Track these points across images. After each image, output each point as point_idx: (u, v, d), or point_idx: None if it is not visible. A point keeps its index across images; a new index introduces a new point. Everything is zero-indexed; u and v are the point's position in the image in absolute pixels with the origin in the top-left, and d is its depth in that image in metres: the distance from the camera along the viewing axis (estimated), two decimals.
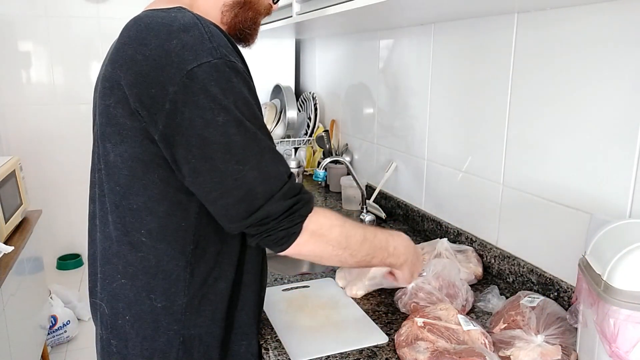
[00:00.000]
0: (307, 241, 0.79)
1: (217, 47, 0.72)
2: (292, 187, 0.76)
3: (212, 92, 0.70)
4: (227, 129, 0.71)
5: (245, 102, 0.74)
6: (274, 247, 0.78)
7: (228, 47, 0.75)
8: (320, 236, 0.80)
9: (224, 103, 0.70)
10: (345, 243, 0.83)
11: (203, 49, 0.71)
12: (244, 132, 0.72)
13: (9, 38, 3.01)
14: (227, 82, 0.71)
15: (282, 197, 0.74)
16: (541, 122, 1.13)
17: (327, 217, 0.82)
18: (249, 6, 0.90)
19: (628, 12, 0.92)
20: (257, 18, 0.94)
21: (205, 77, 0.70)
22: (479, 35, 1.30)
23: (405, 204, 1.70)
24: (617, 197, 0.97)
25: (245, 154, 0.72)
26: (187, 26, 0.73)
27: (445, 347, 0.87)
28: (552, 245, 1.13)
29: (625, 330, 0.71)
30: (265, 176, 0.74)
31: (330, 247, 0.82)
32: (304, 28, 1.93)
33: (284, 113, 2.35)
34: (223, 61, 0.71)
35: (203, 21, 0.75)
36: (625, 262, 0.72)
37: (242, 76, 0.74)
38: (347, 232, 0.84)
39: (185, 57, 0.70)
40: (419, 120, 1.60)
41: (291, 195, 0.76)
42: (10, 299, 1.74)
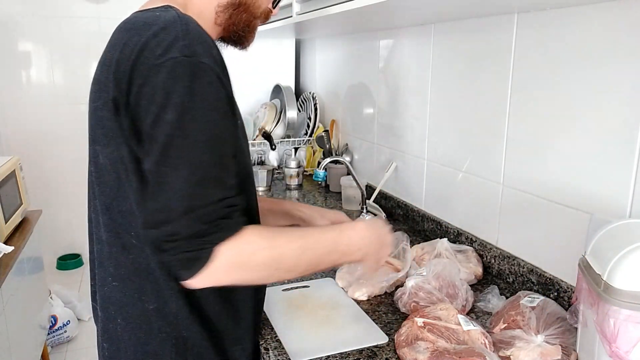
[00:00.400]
0: (226, 271, 0.72)
1: (188, 45, 0.71)
2: (214, 212, 0.70)
3: (169, 88, 0.69)
4: (170, 129, 0.68)
5: (203, 105, 0.70)
6: (180, 271, 0.71)
7: (204, 47, 0.73)
8: (241, 264, 0.74)
9: (177, 101, 0.68)
10: (276, 264, 0.77)
11: (174, 46, 0.70)
12: (186, 137, 0.69)
13: (9, 38, 3.01)
14: (189, 81, 0.69)
15: (198, 218, 0.69)
16: (541, 122, 1.13)
17: (250, 243, 0.74)
18: (243, 8, 0.88)
19: (628, 12, 0.92)
20: (252, 21, 0.91)
21: (168, 73, 0.69)
22: (479, 35, 1.30)
23: (405, 204, 1.70)
24: (617, 197, 0.97)
25: (179, 160, 0.68)
26: (166, 24, 0.73)
27: (445, 347, 0.87)
28: (552, 245, 1.13)
29: (625, 330, 0.71)
30: (190, 191, 0.68)
31: (257, 272, 0.76)
32: (304, 28, 1.93)
33: (284, 113, 2.35)
34: (191, 59, 0.70)
35: (183, 19, 0.74)
36: (625, 262, 0.72)
37: (209, 79, 0.71)
38: (278, 252, 0.77)
39: (156, 53, 0.70)
40: (419, 120, 1.60)
41: (208, 220, 0.69)
42: (10, 299, 1.74)
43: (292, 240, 0.81)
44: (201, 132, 0.70)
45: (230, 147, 0.76)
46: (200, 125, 0.69)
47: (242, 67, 2.47)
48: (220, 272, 0.72)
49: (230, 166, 0.75)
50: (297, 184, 2.19)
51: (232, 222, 0.72)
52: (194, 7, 0.85)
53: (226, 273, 0.73)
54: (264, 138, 2.28)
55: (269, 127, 2.34)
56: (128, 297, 0.81)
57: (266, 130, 2.31)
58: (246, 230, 0.74)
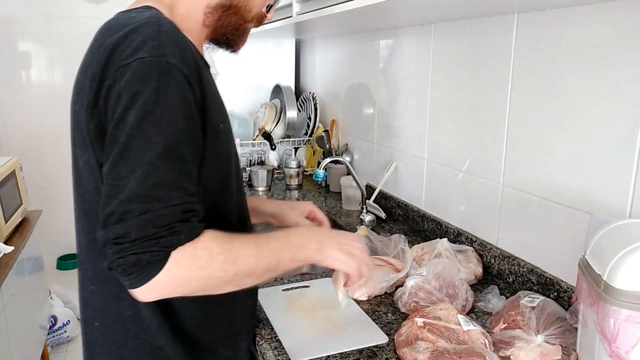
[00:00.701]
0: (182, 278, 0.68)
1: (158, 46, 0.69)
2: (170, 215, 0.66)
3: (133, 89, 0.67)
4: (130, 130, 0.67)
5: (167, 107, 0.68)
6: (126, 277, 0.65)
7: (175, 48, 0.71)
8: (198, 270, 0.69)
9: (140, 102, 0.67)
10: (234, 268, 0.72)
11: (143, 47, 0.69)
12: (145, 138, 0.66)
13: (9, 38, 3.01)
14: (154, 82, 0.68)
15: (151, 221, 0.65)
16: (541, 122, 1.13)
17: (205, 248, 0.70)
18: (233, 11, 0.86)
19: (628, 12, 0.92)
20: (242, 24, 0.89)
21: (133, 73, 0.68)
22: (479, 35, 1.30)
23: (405, 204, 1.70)
24: (617, 197, 0.97)
25: (136, 162, 0.66)
26: (138, 25, 0.72)
27: (445, 347, 0.87)
28: (552, 245, 1.13)
29: (625, 330, 0.71)
30: (145, 193, 0.65)
31: (214, 279, 0.71)
32: (304, 28, 1.93)
33: (284, 113, 2.35)
34: (158, 60, 0.68)
35: (157, 20, 0.73)
36: (625, 262, 0.72)
37: (176, 81, 0.69)
38: (235, 255, 0.73)
39: (124, 54, 0.69)
40: (419, 120, 1.60)
41: (163, 224, 0.65)
42: (10, 299, 1.74)
43: (246, 241, 0.76)
44: (161, 134, 0.67)
45: (195, 151, 0.73)
46: (161, 127, 0.67)
47: (242, 67, 2.47)
48: (173, 280, 0.67)
49: (193, 171, 0.72)
50: (297, 184, 2.19)
51: (190, 226, 0.68)
52: (182, 8, 0.83)
53: (179, 281, 0.68)
54: (264, 138, 2.28)
55: (269, 127, 2.34)
56: (105, 301, 0.80)
57: (266, 130, 2.31)
58: (204, 235, 0.70)
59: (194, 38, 0.85)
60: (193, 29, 0.85)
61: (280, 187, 2.21)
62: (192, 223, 0.69)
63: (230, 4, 0.85)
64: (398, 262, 1.24)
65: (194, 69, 0.73)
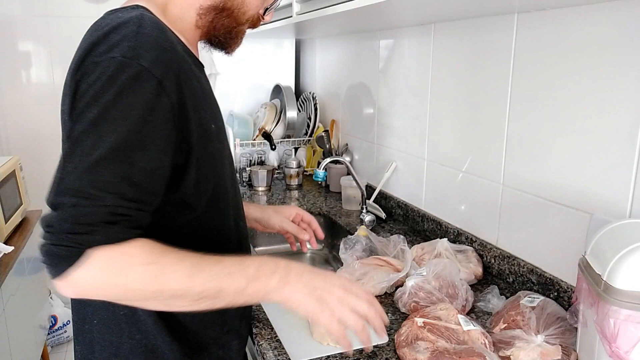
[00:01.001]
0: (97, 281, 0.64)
1: (132, 47, 0.69)
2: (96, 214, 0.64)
3: (99, 87, 0.67)
4: (85, 127, 0.66)
5: (128, 109, 0.67)
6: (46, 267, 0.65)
7: (153, 51, 0.70)
8: (113, 276, 0.65)
9: (102, 101, 0.66)
10: (155, 284, 0.67)
11: (118, 46, 0.69)
12: (97, 136, 0.66)
13: (9, 38, 3.01)
14: (120, 83, 0.67)
15: (75, 216, 0.64)
16: (541, 122, 1.13)
17: (128, 254, 0.66)
18: (227, 13, 0.85)
19: (628, 12, 0.92)
20: (235, 27, 0.88)
21: (102, 71, 0.67)
22: (479, 35, 1.30)
23: (405, 204, 1.70)
24: (617, 197, 0.97)
25: (82, 158, 0.65)
26: (120, 24, 0.71)
27: (445, 347, 0.87)
28: (552, 245, 1.13)
29: (625, 330, 0.71)
30: (79, 188, 0.64)
31: (134, 291, 0.67)
32: (304, 28, 1.92)
33: (284, 113, 2.35)
34: (129, 61, 0.67)
35: (139, 20, 0.72)
36: (625, 262, 0.72)
37: (145, 84, 0.68)
38: (158, 270, 0.67)
39: (99, 51, 0.69)
40: (419, 120, 1.60)
41: (86, 221, 0.64)
42: (10, 299, 1.74)
43: (182, 259, 0.69)
44: (113, 135, 0.66)
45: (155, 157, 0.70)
46: (115, 127, 0.66)
47: (242, 67, 2.47)
48: (89, 281, 0.64)
49: (141, 178, 0.68)
50: (297, 184, 2.19)
51: (114, 229, 0.65)
52: (175, 9, 0.83)
53: (95, 282, 0.65)
54: (264, 138, 2.28)
55: (269, 127, 2.34)
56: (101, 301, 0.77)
57: (266, 130, 2.31)
58: (131, 242, 0.67)
59: (187, 38, 0.85)
60: (186, 29, 0.85)
61: (280, 187, 2.21)
62: (116, 227, 0.66)
63: (223, 6, 0.85)
64: (398, 262, 1.24)
65: (172, 72, 0.72)
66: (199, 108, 0.78)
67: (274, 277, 0.73)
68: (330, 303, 0.74)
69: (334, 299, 0.74)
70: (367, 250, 1.36)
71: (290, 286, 0.73)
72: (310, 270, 0.77)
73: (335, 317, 0.74)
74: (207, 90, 0.87)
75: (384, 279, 1.16)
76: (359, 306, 0.76)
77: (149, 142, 0.69)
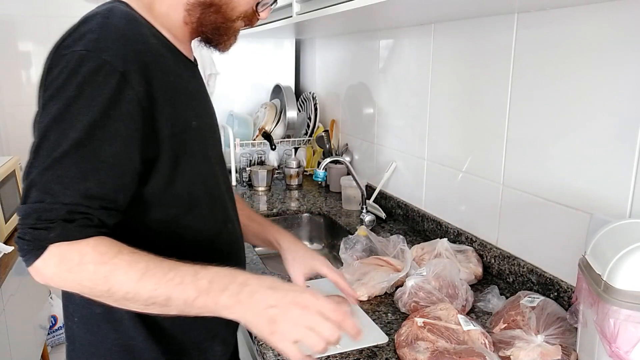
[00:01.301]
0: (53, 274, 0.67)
1: (96, 40, 0.69)
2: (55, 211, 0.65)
3: (61, 81, 0.67)
4: (49, 122, 0.67)
5: (90, 103, 0.67)
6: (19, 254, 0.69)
7: (118, 43, 0.69)
8: (66, 272, 0.67)
9: (64, 95, 0.67)
10: (105, 285, 0.67)
11: (82, 39, 0.69)
12: (60, 132, 0.66)
13: (9, 38, 3.01)
14: (82, 76, 0.67)
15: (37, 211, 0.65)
16: (541, 122, 1.13)
17: (80, 252, 0.66)
18: (215, 9, 0.82)
19: (628, 12, 0.92)
20: (224, 23, 0.84)
21: (65, 65, 0.68)
22: (479, 35, 1.30)
23: (405, 204, 1.70)
24: (617, 197, 0.97)
25: (47, 154, 0.66)
26: (89, 17, 0.72)
27: (445, 347, 0.87)
28: (552, 245, 1.13)
29: (625, 330, 0.71)
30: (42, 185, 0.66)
31: (87, 288, 0.68)
32: (304, 28, 1.92)
33: (284, 113, 2.35)
34: (91, 54, 0.67)
35: (108, 12, 0.73)
36: (625, 262, 0.72)
37: (108, 78, 0.67)
38: (108, 270, 0.66)
39: (66, 44, 0.70)
40: (419, 120, 1.60)
41: (46, 218, 0.65)
42: (10, 299, 1.74)
43: (136, 262, 0.68)
44: (76, 130, 0.66)
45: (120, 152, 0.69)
46: (77, 122, 0.66)
47: (242, 67, 2.47)
48: (48, 274, 0.67)
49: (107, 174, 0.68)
50: (297, 184, 2.19)
51: (71, 227, 0.66)
52: (162, 6, 0.81)
53: (53, 277, 0.68)
54: (264, 138, 2.28)
55: (269, 127, 2.34)
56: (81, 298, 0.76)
57: (266, 130, 2.31)
58: (87, 240, 0.67)
59: (176, 36, 0.84)
60: (175, 26, 0.83)
61: (280, 187, 2.21)
62: (73, 225, 0.66)
63: (211, 1, 0.82)
64: (398, 262, 1.24)
65: (139, 64, 0.71)
66: (176, 103, 0.76)
67: (225, 293, 0.68)
68: (283, 323, 0.67)
69: (289, 318, 0.68)
70: (367, 250, 1.36)
71: (241, 305, 0.68)
72: (269, 285, 0.70)
73: (290, 339, 0.67)
74: (194, 89, 0.85)
75: (384, 279, 1.16)
76: (320, 325, 0.68)
77: (114, 136, 0.68)
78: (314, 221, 1.89)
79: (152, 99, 0.72)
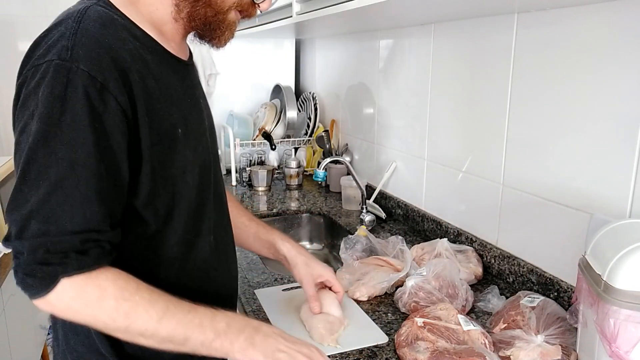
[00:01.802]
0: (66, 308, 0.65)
1: (70, 47, 0.64)
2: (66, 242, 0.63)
3: (39, 95, 0.62)
4: (33, 142, 0.62)
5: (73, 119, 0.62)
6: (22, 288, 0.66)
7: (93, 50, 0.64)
8: (83, 306, 0.65)
9: (43, 111, 0.62)
10: (125, 321, 0.66)
11: (55, 46, 0.64)
12: (49, 152, 0.62)
13: (9, 38, 3.01)
14: (60, 89, 0.62)
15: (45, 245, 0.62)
16: (541, 122, 1.13)
17: (99, 287, 0.65)
18: (205, 2, 0.76)
19: (628, 12, 0.92)
20: (215, 16, 0.78)
21: (41, 77, 0.63)
22: (479, 35, 1.30)
23: (405, 204, 1.70)
24: (617, 197, 0.97)
25: (40, 177, 0.62)
26: (61, 21, 0.67)
27: (445, 347, 0.87)
28: (552, 245, 1.13)
29: (625, 330, 0.71)
30: (45, 214, 0.62)
31: (101, 322, 0.66)
32: (304, 28, 1.93)
33: (284, 113, 2.35)
34: (65, 64, 0.62)
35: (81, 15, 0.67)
36: (625, 262, 0.72)
37: (85, 89, 0.63)
38: (130, 307, 0.66)
39: (39, 52, 0.65)
40: (419, 120, 1.60)
41: (57, 250, 0.62)
42: (10, 299, 1.74)
43: (156, 300, 0.68)
44: (66, 150, 0.62)
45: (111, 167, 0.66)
46: (66, 140, 0.62)
47: (242, 67, 2.47)
48: (61, 307, 0.64)
49: (109, 191, 0.66)
50: (297, 184, 2.19)
51: (86, 259, 0.64)
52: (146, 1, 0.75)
53: (66, 310, 0.65)
54: (264, 138, 2.28)
55: (269, 127, 2.34)
56: None
57: (266, 130, 2.31)
58: (105, 273, 0.65)
59: (165, 33, 0.78)
60: (162, 22, 0.77)
61: (280, 187, 2.21)
62: (88, 256, 0.64)
63: None
64: (398, 262, 1.24)
65: (118, 71, 0.66)
66: (155, 111, 0.71)
67: (241, 336, 0.72)
68: None
69: None
70: (367, 250, 1.36)
71: (254, 348, 0.72)
72: (279, 334, 0.76)
73: None
74: (181, 91, 0.78)
75: (384, 279, 1.16)
76: None
77: (108, 151, 0.65)
78: (314, 221, 1.89)
79: (133, 108, 0.68)
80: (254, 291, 1.19)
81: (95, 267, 0.65)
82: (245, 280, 1.26)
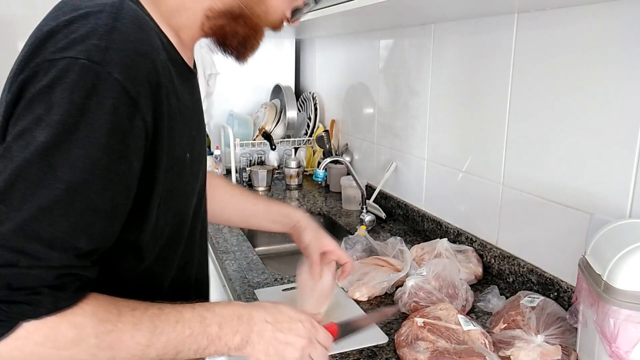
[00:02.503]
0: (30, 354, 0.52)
1: (103, 48, 0.53)
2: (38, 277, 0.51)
3: (53, 97, 0.51)
4: (33, 153, 0.51)
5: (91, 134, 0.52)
6: None
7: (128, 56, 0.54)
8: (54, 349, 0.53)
9: (56, 119, 0.51)
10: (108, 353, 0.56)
11: (83, 42, 0.53)
12: (46, 169, 0.51)
13: (9, 38, 3.01)
14: (82, 96, 0.51)
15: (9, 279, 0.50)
16: (541, 122, 1.13)
17: (75, 326, 0.54)
18: (243, 21, 0.69)
19: (628, 12, 0.92)
20: (250, 36, 0.72)
21: (58, 76, 0.52)
22: (479, 36, 1.30)
23: (405, 204, 1.70)
24: (617, 197, 0.97)
25: (25, 197, 0.50)
26: (90, 11, 0.56)
27: (445, 347, 0.87)
28: (552, 245, 1.13)
29: (625, 330, 0.71)
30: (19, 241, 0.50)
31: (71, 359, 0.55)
32: (304, 28, 1.93)
33: (284, 113, 2.35)
34: (95, 67, 0.52)
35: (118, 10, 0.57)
36: (625, 262, 0.72)
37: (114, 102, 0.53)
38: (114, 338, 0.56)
39: (58, 45, 0.53)
40: (419, 120, 1.60)
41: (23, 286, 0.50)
42: None
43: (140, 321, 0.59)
44: (70, 169, 0.51)
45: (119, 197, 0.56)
46: (73, 159, 0.51)
47: (242, 67, 2.46)
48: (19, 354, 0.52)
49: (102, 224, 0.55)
50: (297, 184, 2.19)
51: (62, 296, 0.53)
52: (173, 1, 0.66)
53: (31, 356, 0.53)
54: (264, 138, 2.28)
55: (269, 127, 2.34)
56: None
57: (266, 130, 2.31)
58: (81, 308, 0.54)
59: (181, 38, 0.70)
60: (184, 27, 0.69)
61: (280, 187, 2.21)
62: (64, 292, 0.53)
63: (240, 13, 0.69)
64: (398, 262, 1.24)
65: (151, 87, 0.57)
66: (175, 133, 0.63)
67: (237, 336, 0.67)
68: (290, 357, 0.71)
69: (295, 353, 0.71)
70: (367, 250, 1.36)
71: (251, 345, 0.69)
72: (274, 319, 0.71)
73: None
74: (189, 107, 0.70)
75: (384, 279, 1.16)
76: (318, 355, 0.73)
77: (116, 178, 0.55)
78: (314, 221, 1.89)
79: (157, 130, 0.59)
80: (254, 291, 1.19)
81: (71, 303, 0.54)
82: (245, 280, 1.26)
